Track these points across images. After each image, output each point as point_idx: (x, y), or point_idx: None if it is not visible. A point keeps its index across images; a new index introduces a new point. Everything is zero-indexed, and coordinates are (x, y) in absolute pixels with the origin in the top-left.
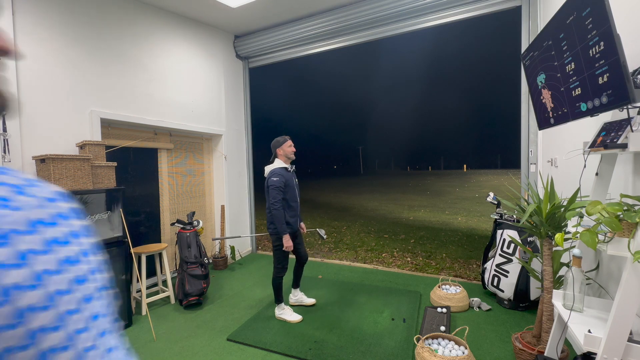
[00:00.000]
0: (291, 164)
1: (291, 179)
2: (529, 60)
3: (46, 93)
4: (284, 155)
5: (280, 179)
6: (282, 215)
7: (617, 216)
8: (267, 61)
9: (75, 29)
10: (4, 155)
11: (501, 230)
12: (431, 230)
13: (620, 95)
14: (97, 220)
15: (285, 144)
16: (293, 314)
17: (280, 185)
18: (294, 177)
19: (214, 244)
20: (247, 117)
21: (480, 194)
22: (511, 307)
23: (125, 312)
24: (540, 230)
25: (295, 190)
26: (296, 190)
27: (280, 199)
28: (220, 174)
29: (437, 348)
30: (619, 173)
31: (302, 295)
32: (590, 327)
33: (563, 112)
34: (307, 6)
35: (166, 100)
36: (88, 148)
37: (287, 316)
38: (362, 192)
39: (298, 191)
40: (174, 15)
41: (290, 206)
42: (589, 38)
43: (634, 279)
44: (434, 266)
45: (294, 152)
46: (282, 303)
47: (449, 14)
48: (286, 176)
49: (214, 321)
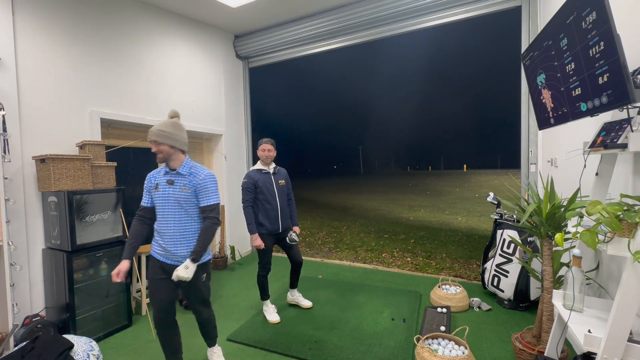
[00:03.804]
0: (276, 166)
1: (267, 181)
2: (529, 60)
3: (46, 93)
4: (260, 158)
5: (248, 180)
6: (250, 214)
7: (617, 216)
8: (267, 61)
9: (75, 28)
10: (4, 155)
11: (501, 230)
12: (431, 230)
13: (620, 95)
14: (97, 220)
15: (259, 147)
16: (273, 314)
17: (247, 186)
18: (273, 178)
19: (214, 244)
20: (247, 117)
21: (480, 194)
22: (511, 307)
23: (125, 312)
24: (540, 230)
25: (274, 191)
26: (275, 192)
27: (248, 199)
28: (220, 174)
29: (437, 348)
30: (619, 173)
31: (299, 296)
32: (590, 327)
33: (563, 112)
34: (307, 6)
35: (166, 100)
36: (88, 148)
37: (268, 314)
38: (362, 192)
39: (280, 192)
40: (174, 15)
41: (264, 207)
42: (589, 38)
43: (634, 279)
44: (434, 266)
45: (266, 156)
46: (267, 300)
47: (448, 14)
48: (257, 177)
49: None
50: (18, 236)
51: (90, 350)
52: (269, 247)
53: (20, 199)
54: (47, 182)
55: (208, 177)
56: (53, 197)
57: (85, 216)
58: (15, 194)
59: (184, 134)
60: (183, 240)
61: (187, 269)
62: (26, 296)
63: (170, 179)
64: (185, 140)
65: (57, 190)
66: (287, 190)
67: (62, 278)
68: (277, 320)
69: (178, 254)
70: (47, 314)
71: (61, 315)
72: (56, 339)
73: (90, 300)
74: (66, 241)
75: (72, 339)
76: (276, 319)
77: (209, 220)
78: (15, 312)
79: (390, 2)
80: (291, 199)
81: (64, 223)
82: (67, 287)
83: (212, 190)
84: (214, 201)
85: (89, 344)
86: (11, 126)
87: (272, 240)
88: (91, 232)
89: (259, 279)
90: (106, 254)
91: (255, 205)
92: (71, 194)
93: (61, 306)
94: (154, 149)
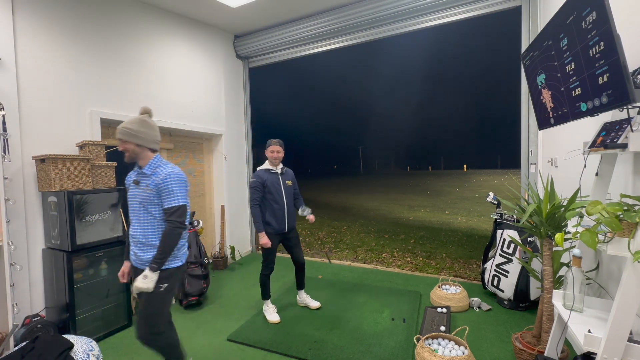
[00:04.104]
0: (284, 167)
1: (275, 181)
2: (529, 60)
3: (46, 93)
4: (268, 159)
5: (257, 179)
6: (258, 213)
7: (617, 216)
8: (267, 61)
9: (75, 28)
10: (4, 155)
11: (501, 230)
12: (431, 230)
13: (620, 95)
14: (97, 220)
15: (268, 148)
16: (273, 314)
17: (255, 185)
18: (280, 179)
19: (214, 243)
20: (247, 117)
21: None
22: (511, 307)
23: (125, 312)
24: (540, 230)
25: (281, 191)
26: (282, 192)
27: (256, 198)
28: (220, 174)
29: (437, 348)
30: (619, 173)
31: (307, 298)
32: (590, 327)
33: (563, 112)
34: (307, 6)
35: (166, 100)
36: (88, 148)
37: (268, 314)
38: (362, 192)
39: (287, 192)
40: (174, 15)
41: (272, 207)
42: (589, 38)
43: (634, 279)
44: (434, 266)
45: (275, 157)
46: (268, 300)
47: (448, 14)
48: (266, 177)
49: (214, 321)
50: (18, 236)
51: (90, 350)
52: (274, 247)
53: (20, 199)
54: (47, 182)
55: (170, 176)
56: (53, 197)
57: (85, 216)
58: (15, 194)
59: (153, 131)
60: (148, 243)
61: (145, 278)
62: (26, 296)
63: (136, 178)
64: (154, 139)
65: (57, 190)
66: (294, 190)
67: (62, 278)
68: (277, 320)
69: (144, 259)
70: (47, 314)
71: (61, 315)
72: (56, 339)
73: (90, 300)
74: (66, 241)
75: (72, 339)
76: (276, 319)
77: (169, 224)
78: (15, 312)
79: (390, 2)
80: (298, 197)
81: (64, 223)
82: (67, 287)
83: (174, 191)
84: (177, 203)
85: (89, 344)
86: (11, 126)
87: (278, 239)
88: (91, 232)
89: (262, 278)
90: (106, 254)
91: (263, 205)
92: (71, 194)
93: (61, 306)
94: (119, 148)
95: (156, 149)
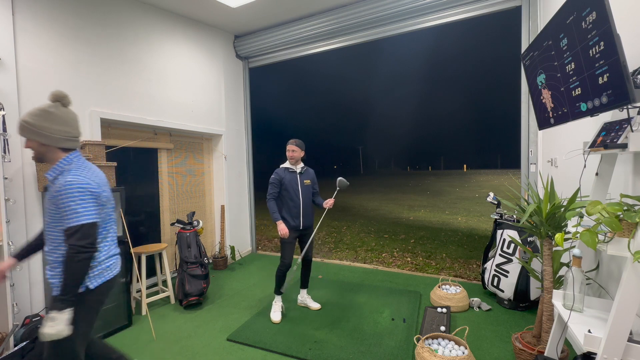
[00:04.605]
0: (304, 166)
1: (293, 179)
2: (529, 60)
3: (46, 93)
4: (287, 158)
5: (276, 176)
6: (273, 205)
7: (617, 216)
8: (267, 61)
9: (75, 29)
10: (4, 155)
11: (501, 230)
12: (431, 230)
13: (620, 95)
14: None
15: (286, 148)
16: (275, 313)
17: (273, 181)
18: (299, 178)
19: (214, 243)
20: (247, 117)
21: (480, 194)
22: (511, 307)
23: (125, 312)
24: (540, 230)
25: (298, 190)
26: (299, 190)
27: (272, 193)
28: (220, 174)
29: (437, 348)
30: (619, 173)
31: (308, 298)
32: (590, 327)
33: (563, 112)
34: (307, 6)
35: (166, 100)
36: (88, 148)
37: (272, 311)
38: (362, 192)
39: (304, 191)
40: (174, 15)
41: (288, 204)
42: (589, 38)
43: (634, 279)
44: (434, 266)
45: (290, 156)
46: (278, 296)
47: (448, 14)
48: (284, 175)
49: (214, 321)
50: (18, 236)
51: None
52: (290, 240)
53: (20, 199)
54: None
55: (66, 187)
56: None
57: None
58: (15, 194)
59: (63, 125)
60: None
61: (53, 321)
62: (26, 296)
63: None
64: (65, 135)
65: None
66: (313, 190)
67: None
68: (278, 320)
69: (55, 284)
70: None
71: None
72: None
73: None
74: None
75: None
76: (277, 318)
77: (69, 249)
78: (15, 312)
79: (390, 2)
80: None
81: None
82: None
83: (71, 206)
84: (76, 222)
85: None
86: (11, 126)
87: (294, 234)
88: None
89: (277, 273)
90: None
91: (280, 201)
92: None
93: None
94: (24, 145)
95: (71, 147)
